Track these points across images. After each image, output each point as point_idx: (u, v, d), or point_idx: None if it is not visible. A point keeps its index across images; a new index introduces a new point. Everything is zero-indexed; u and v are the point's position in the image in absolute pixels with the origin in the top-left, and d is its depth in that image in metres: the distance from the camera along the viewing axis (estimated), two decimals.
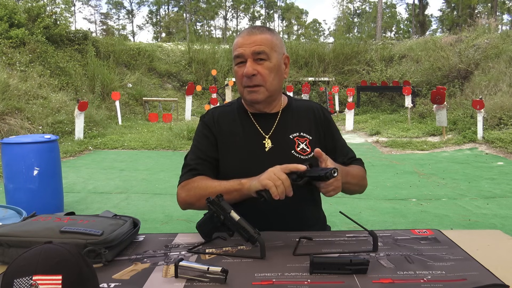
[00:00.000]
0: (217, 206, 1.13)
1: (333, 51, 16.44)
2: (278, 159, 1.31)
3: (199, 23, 54.41)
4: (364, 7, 53.77)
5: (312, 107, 1.48)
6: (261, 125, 1.40)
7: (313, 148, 1.38)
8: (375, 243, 1.11)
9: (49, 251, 0.77)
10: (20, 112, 8.34)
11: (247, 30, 1.35)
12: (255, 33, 1.32)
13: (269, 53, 1.31)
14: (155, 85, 15.27)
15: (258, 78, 1.31)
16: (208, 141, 1.40)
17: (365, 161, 1.55)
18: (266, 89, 1.33)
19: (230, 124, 1.41)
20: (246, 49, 1.30)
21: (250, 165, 1.32)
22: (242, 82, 1.34)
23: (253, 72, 1.29)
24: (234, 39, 1.38)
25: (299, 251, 1.11)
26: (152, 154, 7.38)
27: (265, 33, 1.32)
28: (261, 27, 1.36)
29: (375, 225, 3.59)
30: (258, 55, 1.30)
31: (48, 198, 3.82)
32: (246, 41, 1.31)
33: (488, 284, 0.92)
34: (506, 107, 8.62)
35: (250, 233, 1.08)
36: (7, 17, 11.33)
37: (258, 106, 1.39)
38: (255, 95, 1.34)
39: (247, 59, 1.30)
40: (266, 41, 1.31)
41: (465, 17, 35.90)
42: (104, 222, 1.13)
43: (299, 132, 1.40)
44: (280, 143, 1.38)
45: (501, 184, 5.01)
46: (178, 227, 3.65)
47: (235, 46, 1.33)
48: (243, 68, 1.31)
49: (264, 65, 1.31)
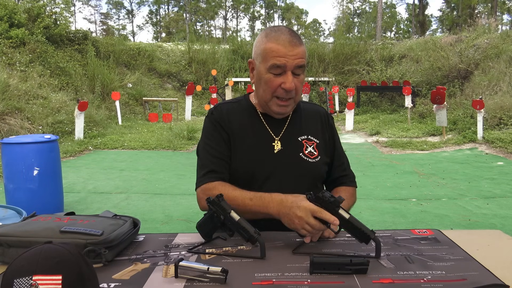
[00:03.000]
0: (217, 206, 1.13)
1: (333, 51, 16.44)
2: (287, 162, 1.33)
3: (199, 23, 54.47)
4: (364, 7, 53.81)
5: (319, 112, 1.49)
6: (271, 126, 1.39)
7: (320, 151, 1.40)
8: (378, 249, 1.08)
9: (49, 251, 0.77)
10: (20, 112, 8.34)
11: (287, 38, 1.27)
12: (296, 44, 1.27)
13: (305, 66, 1.31)
14: (155, 85, 15.27)
15: (293, 92, 1.30)
16: (221, 138, 1.36)
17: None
18: (294, 101, 1.34)
19: (240, 122, 1.39)
20: (289, 61, 1.25)
21: (259, 166, 1.32)
22: (274, 92, 1.30)
23: (294, 87, 1.28)
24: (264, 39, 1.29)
25: (299, 250, 1.11)
26: (152, 154, 7.38)
27: (302, 45, 1.29)
28: (297, 35, 1.30)
29: (375, 225, 3.58)
30: (298, 69, 1.28)
31: (48, 198, 3.82)
32: (289, 52, 1.25)
33: (488, 284, 0.92)
34: (506, 107, 8.62)
35: (250, 233, 1.08)
36: (7, 17, 11.32)
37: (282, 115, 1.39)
38: (285, 108, 1.33)
39: (287, 71, 1.27)
40: (305, 54, 1.29)
41: (465, 17, 35.90)
42: (104, 222, 1.13)
43: (307, 135, 1.41)
44: (289, 146, 1.37)
45: (501, 184, 5.01)
46: (178, 227, 3.66)
47: (273, 54, 1.26)
48: (280, 78, 1.27)
49: (299, 79, 1.30)
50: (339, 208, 1.12)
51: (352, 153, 7.26)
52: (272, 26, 1.39)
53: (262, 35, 1.32)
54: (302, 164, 1.36)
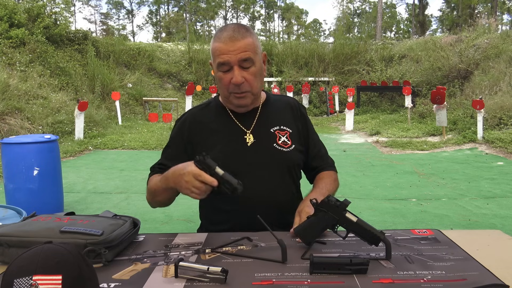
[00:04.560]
0: (203, 164, 1.14)
1: (333, 51, 16.43)
2: (261, 153, 1.37)
3: (199, 23, 54.45)
4: (364, 7, 53.83)
5: (289, 102, 1.52)
6: (241, 121, 1.42)
7: (293, 140, 1.43)
8: (388, 250, 1.06)
9: (49, 251, 0.77)
10: (20, 112, 8.34)
11: (228, 34, 1.29)
12: (237, 38, 1.27)
13: (254, 58, 1.30)
14: (155, 85, 15.26)
15: (245, 85, 1.31)
16: (180, 141, 1.45)
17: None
18: (252, 93, 1.36)
19: (210, 122, 1.43)
20: (232, 57, 1.27)
21: (234, 160, 1.35)
22: (228, 88, 1.33)
23: (242, 81, 1.30)
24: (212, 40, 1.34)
25: (300, 252, 1.11)
26: (152, 154, 7.38)
27: (247, 37, 1.29)
28: (240, 28, 1.31)
29: (375, 225, 3.55)
30: (244, 62, 1.29)
31: (48, 198, 3.82)
32: (230, 47, 1.27)
33: (488, 284, 0.92)
34: (506, 107, 8.62)
35: (234, 185, 1.11)
36: (7, 17, 11.32)
37: (244, 108, 1.41)
38: (243, 100, 1.36)
39: (233, 66, 1.29)
40: (250, 46, 1.29)
41: (465, 17, 35.92)
42: (104, 222, 1.13)
43: (279, 126, 1.44)
44: (262, 137, 1.40)
45: (501, 184, 5.01)
46: (178, 227, 3.66)
47: (217, 52, 1.29)
48: (229, 75, 1.30)
49: (250, 71, 1.31)
50: (346, 211, 1.11)
51: (352, 153, 7.27)
52: (222, 25, 1.43)
53: (213, 36, 1.37)
54: (276, 154, 1.38)
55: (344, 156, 6.84)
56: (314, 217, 1.15)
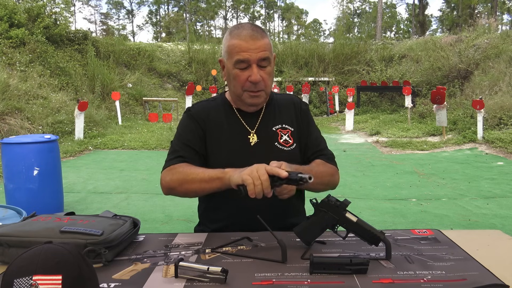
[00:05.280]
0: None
1: (333, 51, 16.43)
2: (263, 153, 1.36)
3: (199, 23, 54.47)
4: (364, 7, 53.82)
5: (292, 100, 1.53)
6: (246, 120, 1.43)
7: (295, 139, 1.44)
8: (388, 250, 1.07)
9: (49, 251, 0.77)
10: (20, 112, 8.34)
11: (248, 32, 1.32)
12: (258, 37, 1.31)
13: (270, 58, 1.34)
14: (155, 85, 15.26)
15: (261, 83, 1.33)
16: (195, 130, 1.41)
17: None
18: (265, 92, 1.37)
19: (216, 118, 1.44)
20: (253, 55, 1.30)
21: (236, 160, 1.33)
22: (243, 86, 1.34)
23: (260, 79, 1.32)
24: (228, 37, 1.34)
25: (300, 252, 1.11)
26: (152, 154, 7.38)
27: (265, 37, 1.33)
28: (257, 27, 1.35)
29: (375, 225, 3.55)
30: (263, 61, 1.32)
31: (48, 198, 3.82)
32: (250, 45, 1.30)
33: (488, 284, 0.92)
34: (506, 107, 8.62)
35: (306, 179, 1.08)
36: (7, 17, 11.32)
37: (255, 107, 1.42)
38: (257, 99, 1.37)
39: (251, 64, 1.31)
40: (268, 46, 1.33)
41: (465, 17, 35.92)
42: (104, 222, 1.13)
43: (281, 124, 1.45)
44: (264, 137, 1.41)
45: (501, 184, 5.01)
46: (178, 227, 3.66)
47: (236, 49, 1.31)
48: (246, 72, 1.32)
49: (266, 71, 1.34)
50: (346, 211, 1.11)
51: (352, 153, 7.27)
52: (237, 23, 1.44)
53: (227, 33, 1.37)
54: (277, 153, 1.38)
55: (344, 156, 6.84)
56: (314, 217, 1.15)
